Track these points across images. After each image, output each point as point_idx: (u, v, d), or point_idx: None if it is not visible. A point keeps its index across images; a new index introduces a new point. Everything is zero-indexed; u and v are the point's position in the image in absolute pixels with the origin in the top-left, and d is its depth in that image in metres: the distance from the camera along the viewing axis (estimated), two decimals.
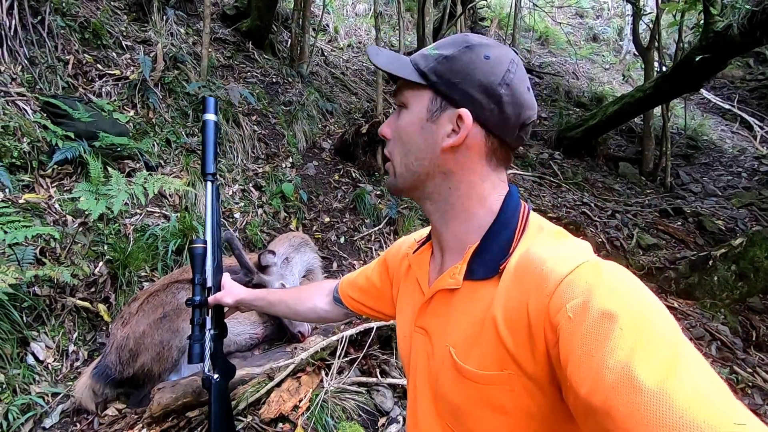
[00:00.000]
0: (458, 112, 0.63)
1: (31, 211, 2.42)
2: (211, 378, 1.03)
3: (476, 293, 0.62)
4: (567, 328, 0.47)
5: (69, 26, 3.53)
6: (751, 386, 3.46)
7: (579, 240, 0.61)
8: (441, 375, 0.65)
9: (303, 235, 2.55)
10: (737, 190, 6.71)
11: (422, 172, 0.68)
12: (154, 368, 1.85)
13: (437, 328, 0.68)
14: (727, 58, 4.59)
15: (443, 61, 0.64)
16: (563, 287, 0.50)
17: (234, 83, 4.51)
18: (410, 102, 0.68)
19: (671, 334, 0.44)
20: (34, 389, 1.92)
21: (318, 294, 1.07)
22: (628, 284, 0.49)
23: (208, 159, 1.10)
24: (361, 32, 9.11)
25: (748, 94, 10.37)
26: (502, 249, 0.62)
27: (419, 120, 0.67)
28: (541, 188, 5.97)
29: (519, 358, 0.54)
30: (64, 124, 2.81)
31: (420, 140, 0.67)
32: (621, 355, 0.42)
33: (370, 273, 0.97)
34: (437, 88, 0.65)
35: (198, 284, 1.05)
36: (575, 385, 0.45)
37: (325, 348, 2.07)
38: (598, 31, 12.53)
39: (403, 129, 0.69)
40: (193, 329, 1.03)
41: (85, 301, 2.28)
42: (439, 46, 0.67)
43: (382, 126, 0.74)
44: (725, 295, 4.42)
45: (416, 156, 0.68)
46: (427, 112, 0.66)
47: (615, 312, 0.45)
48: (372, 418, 1.97)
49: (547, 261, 0.55)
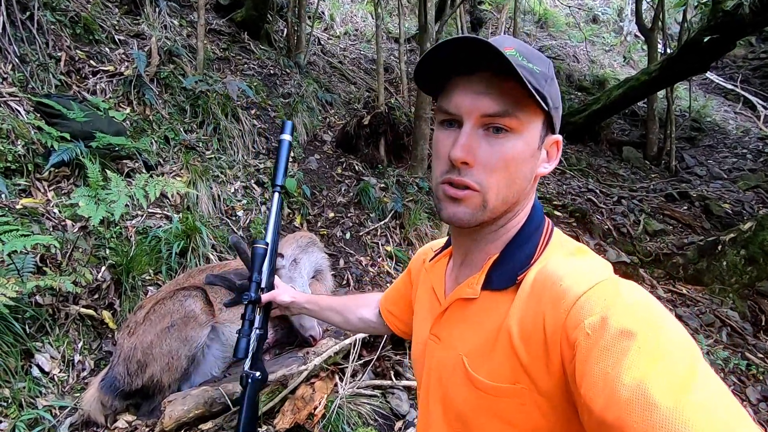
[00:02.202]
0: (556, 138, 0.64)
1: (29, 217, 2.35)
2: (252, 375, 1.02)
3: (493, 304, 0.62)
4: (584, 344, 0.47)
5: (59, 21, 3.41)
6: (763, 372, 3.44)
7: (599, 258, 0.61)
8: (452, 383, 0.65)
9: (310, 235, 2.48)
10: (743, 173, 6.64)
11: (515, 202, 0.63)
12: (164, 379, 1.80)
13: (452, 337, 0.68)
14: (736, 38, 4.48)
15: (552, 84, 0.60)
16: (581, 304, 0.50)
17: (231, 76, 4.39)
18: (524, 127, 0.58)
19: (688, 353, 0.44)
20: (40, 402, 1.87)
21: (366, 305, 1.09)
22: (646, 303, 0.49)
23: (279, 172, 1.19)
24: (357, 19, 8.92)
25: (750, 73, 10.23)
26: (523, 261, 0.62)
27: (532, 149, 0.60)
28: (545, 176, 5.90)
29: (532, 373, 0.54)
30: (59, 125, 2.72)
31: (527, 170, 0.61)
32: (637, 373, 0.42)
33: (399, 285, 0.99)
34: (551, 114, 0.61)
35: (255, 282, 1.06)
36: (589, 401, 0.44)
37: (338, 352, 2.02)
38: (598, 12, 12.31)
39: (512, 158, 0.59)
40: (243, 324, 1.04)
41: (89, 309, 2.22)
42: (532, 59, 0.59)
43: (460, 151, 0.59)
44: (734, 280, 4.38)
45: (518, 187, 0.62)
46: (539, 139, 0.61)
47: (633, 330, 0.45)
48: (388, 422, 1.93)
49: (565, 277, 0.55)
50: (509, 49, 0.58)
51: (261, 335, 1.08)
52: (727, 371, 3.30)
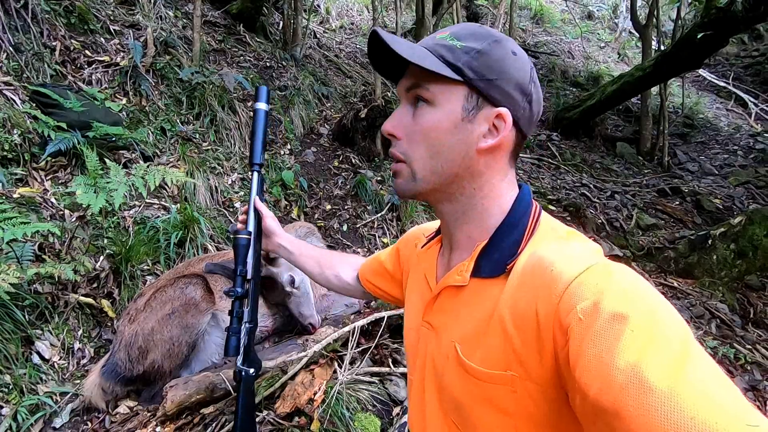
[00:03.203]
0: (498, 111, 0.61)
1: (27, 206, 2.35)
2: (245, 371, 1.01)
3: (483, 291, 0.62)
4: (577, 329, 0.47)
5: (54, 11, 3.38)
6: (751, 362, 3.52)
7: (589, 241, 0.61)
8: (446, 370, 0.65)
9: (309, 225, 2.50)
10: (734, 169, 6.73)
11: (450, 174, 0.64)
12: (165, 365, 1.81)
13: (444, 324, 0.68)
14: (729, 34, 4.53)
15: (477, 56, 0.61)
16: (573, 289, 0.50)
17: (227, 68, 4.38)
18: (438, 98, 0.63)
19: (681, 335, 0.44)
20: (41, 389, 1.88)
21: (346, 264, 1.07)
22: (638, 286, 0.49)
23: (257, 149, 1.07)
24: (353, 13, 8.90)
25: (742, 71, 10.32)
26: (511, 249, 0.62)
27: (453, 119, 0.62)
28: (540, 170, 5.94)
29: (525, 359, 0.54)
30: (55, 114, 2.70)
31: (453, 141, 0.63)
32: (631, 356, 0.42)
33: (383, 258, 0.98)
34: (474, 84, 0.61)
35: (240, 275, 1.02)
36: (584, 386, 0.44)
37: (336, 339, 2.05)
38: (592, 9, 12.35)
39: (430, 128, 0.63)
40: (231, 321, 1.00)
41: (88, 297, 2.23)
42: (462, 37, 0.62)
43: (388, 124, 0.67)
44: (724, 274, 4.46)
45: (446, 158, 0.63)
46: (462, 110, 0.62)
47: (626, 314, 0.45)
48: (386, 407, 1.96)
49: (556, 262, 0.54)
50: (442, 33, 0.64)
51: (251, 328, 1.04)
52: (716, 361, 3.38)
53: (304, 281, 2.12)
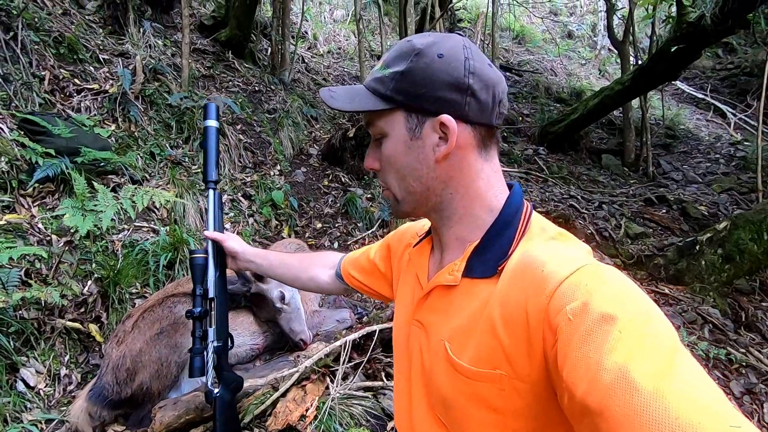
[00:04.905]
0: (439, 119, 0.63)
1: (14, 232, 2.33)
2: (212, 392, 1.00)
3: (474, 291, 0.63)
4: (566, 329, 0.48)
5: (43, 41, 3.44)
6: (745, 366, 3.52)
7: (580, 242, 0.62)
8: (434, 368, 0.66)
9: (298, 242, 2.51)
10: (716, 176, 6.88)
11: (423, 189, 0.68)
12: (154, 386, 1.78)
13: (434, 322, 0.68)
14: (701, 47, 4.70)
15: (401, 78, 0.63)
16: (563, 289, 0.51)
17: (216, 93, 4.45)
18: (386, 129, 0.67)
19: (668, 338, 0.45)
20: (26, 417, 1.83)
21: (321, 265, 1.07)
22: (627, 288, 0.50)
23: (210, 166, 1.08)
24: (340, 38, 9.11)
25: (719, 83, 10.67)
26: (502, 249, 0.62)
27: (403, 142, 0.66)
28: (528, 183, 6.02)
29: (513, 358, 0.54)
30: (43, 141, 2.72)
31: (411, 160, 0.66)
32: (618, 357, 0.42)
33: (372, 254, 0.98)
34: (406, 105, 0.64)
35: (198, 295, 1.02)
36: (571, 386, 0.45)
37: (328, 354, 2.03)
38: (572, 28, 12.77)
39: (390, 156, 0.68)
40: (193, 342, 0.99)
41: (75, 322, 2.20)
42: (389, 63, 0.66)
43: (366, 160, 0.73)
44: (713, 279, 4.50)
45: (412, 177, 0.67)
46: (407, 131, 0.65)
47: (614, 315, 0.45)
48: (380, 422, 1.93)
49: (546, 263, 0.55)
50: (378, 64, 0.68)
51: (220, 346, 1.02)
52: (710, 366, 3.37)
53: (294, 297, 2.11)
